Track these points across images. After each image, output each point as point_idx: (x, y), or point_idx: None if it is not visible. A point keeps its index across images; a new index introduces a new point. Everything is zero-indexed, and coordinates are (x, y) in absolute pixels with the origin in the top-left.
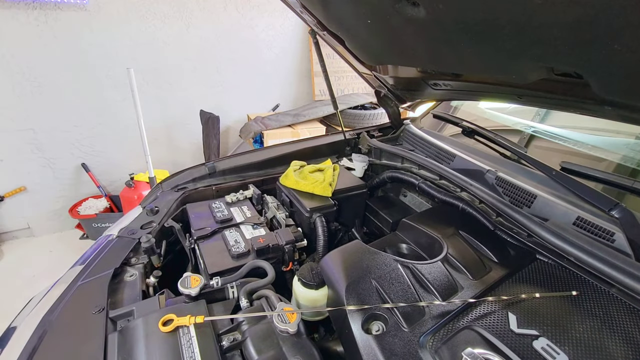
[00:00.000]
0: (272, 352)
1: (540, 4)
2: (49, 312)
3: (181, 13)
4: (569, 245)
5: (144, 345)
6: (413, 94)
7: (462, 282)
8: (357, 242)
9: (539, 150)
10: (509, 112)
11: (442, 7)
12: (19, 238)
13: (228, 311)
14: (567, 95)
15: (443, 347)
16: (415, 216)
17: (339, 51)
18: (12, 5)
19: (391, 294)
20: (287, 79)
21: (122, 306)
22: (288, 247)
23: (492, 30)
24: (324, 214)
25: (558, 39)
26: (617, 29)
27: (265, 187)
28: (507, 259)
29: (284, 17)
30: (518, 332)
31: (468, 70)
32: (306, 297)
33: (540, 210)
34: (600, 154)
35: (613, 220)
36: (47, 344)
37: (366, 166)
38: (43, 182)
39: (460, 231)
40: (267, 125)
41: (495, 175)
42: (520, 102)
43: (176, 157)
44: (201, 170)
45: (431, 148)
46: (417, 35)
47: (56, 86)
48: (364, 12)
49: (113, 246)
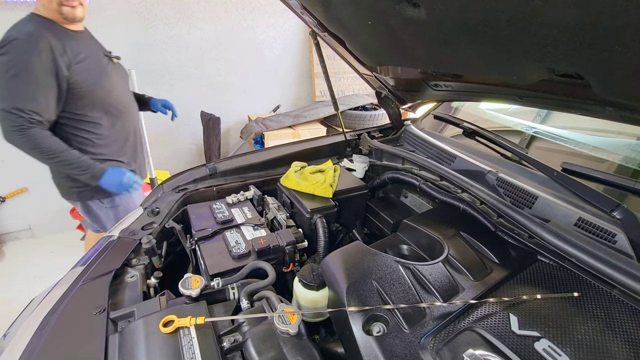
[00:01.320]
0: (272, 353)
1: (541, 4)
2: (50, 313)
3: (182, 14)
4: (570, 246)
5: (144, 346)
6: (414, 95)
7: (463, 283)
8: (357, 243)
9: (540, 151)
10: (510, 113)
11: (443, 8)
12: (20, 239)
13: (229, 312)
14: (568, 96)
15: (444, 348)
16: (416, 217)
17: (340, 52)
18: (14, 7)
19: (392, 295)
20: (288, 80)
21: (122, 307)
22: (289, 248)
23: (492, 31)
24: (324, 215)
25: (559, 40)
26: (618, 29)
27: (266, 188)
28: (508, 260)
29: (284, 18)
30: (519, 333)
31: (469, 71)
32: (307, 298)
33: (542, 211)
34: (602, 154)
35: (614, 221)
36: (47, 345)
37: (367, 167)
38: (44, 183)
39: (461, 232)
40: (267, 126)
41: (496, 176)
42: (521, 103)
43: (177, 158)
44: (202, 171)
45: (432, 149)
46: (417, 36)
47: None
48: (364, 13)
49: (114, 247)
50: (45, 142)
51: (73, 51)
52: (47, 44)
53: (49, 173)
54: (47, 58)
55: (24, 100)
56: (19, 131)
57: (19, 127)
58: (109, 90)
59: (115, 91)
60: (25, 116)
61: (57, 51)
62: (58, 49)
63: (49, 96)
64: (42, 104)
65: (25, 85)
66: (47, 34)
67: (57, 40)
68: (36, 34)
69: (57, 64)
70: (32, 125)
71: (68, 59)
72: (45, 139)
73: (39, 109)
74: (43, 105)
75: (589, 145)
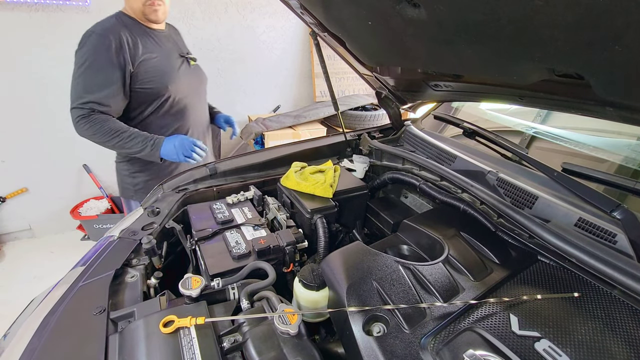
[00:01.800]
0: (273, 353)
1: (541, 4)
2: (50, 313)
3: (182, 14)
4: (571, 246)
5: (144, 347)
6: (414, 95)
7: (464, 284)
8: (358, 244)
9: (540, 151)
10: (510, 113)
11: (443, 8)
12: (21, 239)
13: (229, 312)
14: (568, 96)
15: (444, 348)
16: (416, 217)
17: (340, 52)
18: (14, 7)
19: (392, 295)
20: (288, 80)
21: (123, 307)
22: (289, 249)
23: (492, 31)
24: (324, 215)
25: (559, 40)
26: (619, 29)
27: (266, 188)
28: (509, 261)
29: (284, 18)
30: (520, 333)
31: (469, 71)
32: (307, 299)
33: (542, 211)
34: (602, 155)
35: (615, 221)
36: (48, 345)
37: (367, 167)
38: (44, 183)
39: (462, 232)
40: (267, 127)
41: (497, 177)
42: (521, 103)
43: None
44: (202, 171)
45: (432, 149)
46: (417, 36)
47: (58, 87)
48: (364, 13)
49: (114, 247)
50: (106, 125)
51: (146, 48)
52: (117, 39)
53: (49, 173)
54: (116, 52)
55: (90, 91)
56: (82, 119)
57: (82, 116)
58: (172, 92)
59: (182, 93)
60: (90, 105)
61: (127, 46)
62: (129, 44)
63: (114, 88)
64: (106, 94)
65: (93, 77)
66: (123, 30)
67: (132, 36)
68: (111, 28)
69: (124, 59)
70: (93, 113)
71: (137, 55)
72: (105, 122)
73: (102, 99)
74: (107, 95)
75: (589, 146)
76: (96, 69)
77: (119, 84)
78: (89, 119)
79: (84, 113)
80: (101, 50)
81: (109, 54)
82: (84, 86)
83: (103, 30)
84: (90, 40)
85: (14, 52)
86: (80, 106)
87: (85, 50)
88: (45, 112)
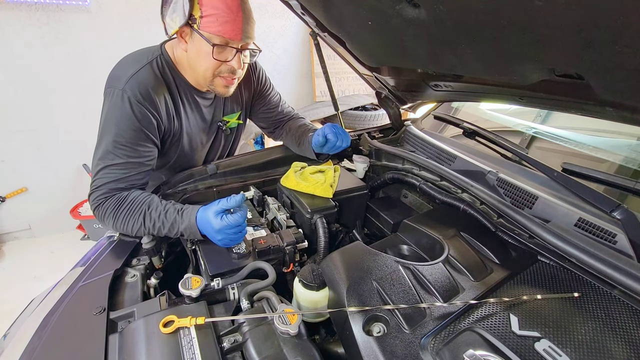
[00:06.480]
0: (273, 353)
1: (541, 4)
2: (50, 313)
3: None
4: (571, 246)
5: (144, 347)
6: (414, 95)
7: (464, 284)
8: (358, 244)
9: (540, 151)
10: (510, 113)
11: (443, 8)
12: (20, 239)
13: (229, 312)
14: (569, 96)
15: (444, 348)
16: (416, 217)
17: (340, 52)
18: (14, 7)
19: (392, 295)
20: (288, 80)
21: (123, 307)
22: (289, 249)
23: (492, 31)
24: (324, 215)
25: (559, 40)
26: (619, 30)
27: (266, 189)
28: (509, 261)
29: (284, 18)
30: (520, 333)
31: (469, 71)
32: (307, 299)
33: (542, 211)
34: (602, 155)
35: (615, 221)
36: (48, 345)
37: (367, 167)
38: (44, 182)
39: (462, 232)
40: None
41: (497, 177)
42: (521, 103)
43: None
44: (202, 171)
45: (432, 149)
46: (417, 36)
47: (58, 87)
48: (364, 13)
49: (114, 247)
50: (124, 204)
51: (180, 121)
52: (150, 107)
53: (48, 173)
54: (143, 127)
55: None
56: (95, 208)
57: (95, 203)
58: (186, 165)
59: (198, 162)
60: (103, 190)
61: (159, 119)
62: (161, 116)
63: (132, 164)
64: (123, 170)
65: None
66: (161, 88)
67: (172, 100)
68: (144, 91)
69: (151, 134)
70: (107, 197)
71: (170, 130)
72: (122, 202)
73: (118, 177)
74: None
75: (589, 146)
76: (116, 141)
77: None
78: (103, 205)
79: (97, 197)
80: (125, 119)
81: (134, 129)
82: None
83: (133, 93)
84: (114, 101)
85: (14, 51)
86: (94, 190)
87: (108, 108)
88: (45, 112)
